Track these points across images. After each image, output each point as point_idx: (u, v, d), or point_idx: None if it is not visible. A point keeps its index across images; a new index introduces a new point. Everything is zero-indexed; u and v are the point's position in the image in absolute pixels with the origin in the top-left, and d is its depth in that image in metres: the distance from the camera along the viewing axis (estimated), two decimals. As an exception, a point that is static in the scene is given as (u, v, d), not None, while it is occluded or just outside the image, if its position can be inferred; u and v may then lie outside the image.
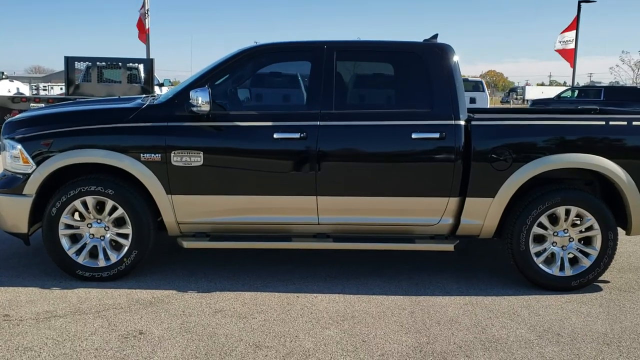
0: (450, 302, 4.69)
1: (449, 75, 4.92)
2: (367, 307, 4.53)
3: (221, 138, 4.84)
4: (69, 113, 5.14)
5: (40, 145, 4.81)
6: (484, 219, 4.94)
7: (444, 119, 4.84)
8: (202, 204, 4.89)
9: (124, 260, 4.92)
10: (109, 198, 4.83)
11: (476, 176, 4.84)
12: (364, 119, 4.86)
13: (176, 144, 4.79)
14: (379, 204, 4.90)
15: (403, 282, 5.12)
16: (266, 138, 4.81)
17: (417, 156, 4.86)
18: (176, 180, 4.82)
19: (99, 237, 4.94)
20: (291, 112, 4.92)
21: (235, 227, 5.00)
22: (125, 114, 4.91)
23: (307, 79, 4.97)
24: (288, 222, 4.97)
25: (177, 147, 4.79)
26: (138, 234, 4.89)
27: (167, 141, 4.79)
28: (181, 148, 4.79)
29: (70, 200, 4.83)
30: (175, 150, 4.79)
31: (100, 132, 4.83)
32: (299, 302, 4.60)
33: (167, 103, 4.93)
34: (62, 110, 5.23)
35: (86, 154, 4.79)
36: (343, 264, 5.54)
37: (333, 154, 4.83)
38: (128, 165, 4.79)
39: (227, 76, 4.99)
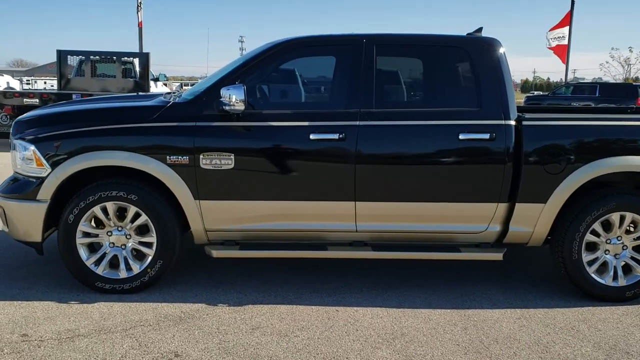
0: (502, 315, 4.36)
1: (497, 72, 4.58)
2: (415, 322, 4.19)
3: (254, 139, 4.46)
4: (87, 111, 4.73)
5: (56, 146, 4.41)
6: (534, 225, 4.62)
7: (493, 118, 4.50)
8: (232, 210, 4.52)
9: (148, 270, 4.53)
10: (131, 204, 4.44)
11: (527, 180, 4.51)
12: (406, 118, 4.51)
13: (205, 145, 4.41)
14: (422, 210, 4.55)
15: (445, 292, 4.78)
16: (302, 139, 4.44)
17: (465, 158, 4.51)
18: (205, 185, 4.45)
19: (120, 245, 4.55)
20: (328, 111, 4.55)
21: (267, 235, 4.63)
22: (149, 112, 4.51)
23: (344, 75, 4.60)
24: (323, 230, 4.61)
25: (207, 149, 4.40)
26: (163, 243, 4.51)
27: (196, 142, 4.40)
28: (211, 150, 4.41)
29: (90, 207, 4.43)
30: (205, 152, 4.40)
31: (122, 132, 4.43)
32: (340, 317, 4.24)
33: (195, 101, 4.54)
34: (79, 109, 4.82)
35: (107, 156, 4.39)
36: (377, 272, 5.19)
37: (373, 156, 4.48)
38: (153, 169, 4.40)
39: (258, 72, 4.61)
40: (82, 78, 15.86)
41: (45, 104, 14.30)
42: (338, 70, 4.65)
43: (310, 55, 4.81)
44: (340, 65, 4.64)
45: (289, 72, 4.84)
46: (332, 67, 4.68)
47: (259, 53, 4.63)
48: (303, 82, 4.94)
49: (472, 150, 4.49)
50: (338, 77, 4.64)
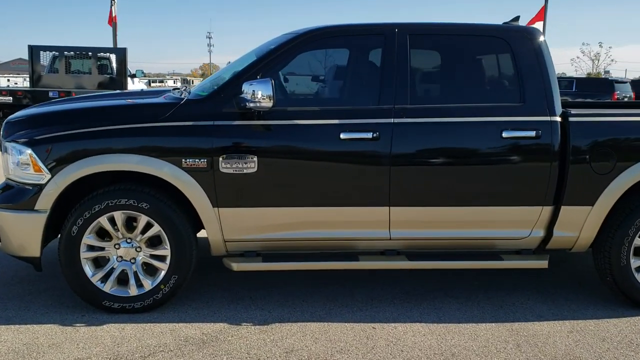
0: (552, 329, 4.01)
1: (541, 64, 4.22)
2: (462, 340, 3.81)
3: (278, 139, 4.03)
4: (91, 110, 4.23)
5: (57, 149, 3.91)
6: (580, 230, 4.28)
7: (538, 114, 4.15)
8: (254, 218, 4.08)
9: (161, 287, 4.07)
10: (143, 213, 3.97)
11: (574, 181, 4.17)
12: (444, 115, 4.12)
13: (226, 146, 3.96)
14: (461, 215, 4.18)
15: (484, 304, 4.42)
16: (331, 139, 4.03)
17: (508, 158, 4.15)
18: (225, 191, 4.00)
19: (129, 259, 4.07)
20: (360, 107, 4.13)
21: (291, 245, 4.21)
22: (161, 110, 4.04)
23: (375, 68, 4.19)
24: (354, 238, 4.20)
25: (227, 151, 3.96)
26: (178, 256, 4.04)
27: (215, 143, 3.95)
28: (232, 152, 3.96)
29: (95, 217, 3.95)
30: (225, 154, 3.95)
31: (132, 132, 3.95)
32: (379, 336, 3.84)
33: (212, 98, 4.08)
34: (81, 107, 4.31)
35: (116, 160, 3.91)
36: (404, 282, 4.80)
37: (409, 157, 4.08)
38: (168, 174, 3.93)
39: (280, 65, 4.17)
40: (56, 75, 15.16)
41: (19, 102, 13.60)
42: (368, 62, 4.24)
43: (337, 47, 4.39)
44: (370, 57, 4.23)
45: (314, 65, 4.41)
46: (360, 60, 4.27)
47: (281, 44, 4.19)
48: (330, 75, 4.50)
49: (515, 149, 4.13)
50: (368, 70, 4.23)
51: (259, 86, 3.76)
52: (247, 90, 3.83)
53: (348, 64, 4.40)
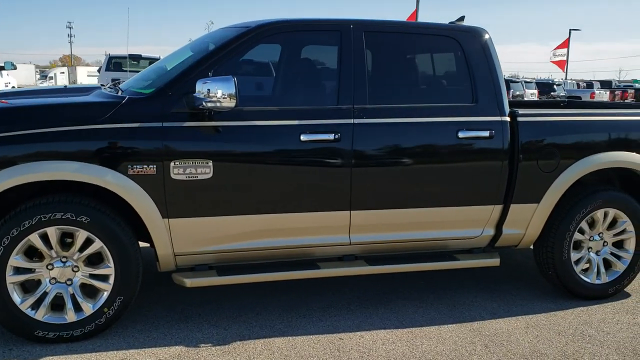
0: (509, 326, 4.07)
1: (489, 63, 4.26)
2: (432, 345, 3.74)
3: (235, 142, 3.71)
4: (16, 110, 3.63)
5: (-25, 157, 3.32)
6: (526, 227, 4.38)
7: (490, 114, 4.18)
8: (209, 229, 3.73)
9: (104, 310, 3.60)
10: (81, 228, 3.48)
11: (522, 180, 4.26)
12: (403, 115, 4.02)
13: (178, 151, 3.58)
14: (419, 216, 4.11)
15: (437, 304, 4.40)
16: (291, 140, 3.78)
17: (464, 158, 4.14)
18: (176, 199, 3.61)
19: (64, 281, 3.56)
20: (320, 107, 3.92)
21: (247, 255, 3.91)
22: (100, 110, 3.56)
23: (332, 65, 4.00)
24: (313, 245, 3.99)
25: (179, 156, 3.58)
26: (124, 274, 3.60)
27: (165, 148, 3.56)
28: (184, 156, 3.59)
29: (25, 234, 3.40)
30: (176, 159, 3.57)
31: (68, 136, 3.44)
32: (348, 347, 3.67)
33: (158, 96, 3.67)
34: (2, 107, 3.69)
35: (51, 168, 3.39)
36: (353, 286, 4.67)
37: (370, 159, 3.94)
38: (111, 182, 3.48)
39: (233, 61, 3.85)
40: None
41: None
42: (325, 59, 4.03)
43: (293, 42, 4.13)
44: (327, 54, 4.03)
45: (268, 62, 4.11)
46: (317, 56, 4.06)
47: (233, 38, 3.86)
48: (286, 74, 4.23)
49: (471, 149, 4.13)
50: (325, 68, 4.03)
51: (218, 84, 3.42)
52: (201, 89, 3.47)
53: (304, 61, 4.16)
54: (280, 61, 4.18)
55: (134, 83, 4.16)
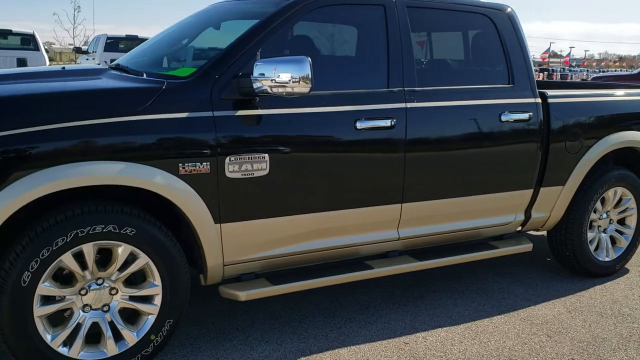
0: (551, 311, 4.01)
1: (521, 43, 4.12)
2: (500, 340, 3.58)
3: (291, 132, 3.24)
4: (40, 97, 2.85)
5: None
6: (551, 210, 4.34)
7: (526, 96, 4.05)
8: (261, 233, 3.25)
9: (151, 338, 3.01)
10: (125, 242, 2.85)
11: (553, 162, 4.19)
12: (450, 97, 3.76)
13: (233, 144, 3.04)
14: (464, 205, 3.90)
15: (470, 294, 4.25)
16: (346, 129, 3.38)
17: (505, 143, 3.98)
18: (231, 201, 3.09)
19: (101, 307, 2.92)
20: (373, 91, 3.54)
21: (294, 260, 3.46)
22: (139, 98, 2.92)
23: (378, 44, 3.62)
24: (361, 243, 3.63)
25: (235, 151, 3.04)
26: (173, 294, 3.02)
27: (219, 141, 3.00)
28: (240, 151, 3.06)
29: (56, 255, 2.72)
30: (232, 154, 3.04)
31: (107, 131, 2.78)
32: (422, 352, 3.40)
33: (203, 79, 3.09)
34: (24, 92, 2.89)
35: (90, 171, 2.72)
36: (377, 282, 4.36)
37: (422, 146, 3.65)
38: (161, 184, 2.87)
39: (275, 40, 3.34)
40: None
41: None
42: (372, 36, 3.63)
43: (336, 18, 3.67)
44: (373, 30, 3.63)
45: (310, 40, 3.61)
46: (363, 33, 3.65)
47: (273, 15, 3.33)
48: (332, 53, 3.75)
49: (512, 133, 3.97)
50: (373, 46, 3.63)
51: (288, 66, 2.92)
52: (263, 71, 2.95)
53: (350, 39, 3.73)
54: (324, 39, 3.72)
55: (150, 62, 3.51)
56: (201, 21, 4.02)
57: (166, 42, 4.07)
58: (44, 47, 17.14)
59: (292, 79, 2.93)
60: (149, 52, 3.95)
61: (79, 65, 4.01)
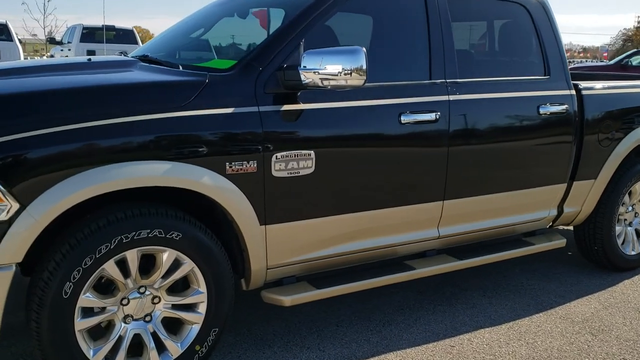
0: (588, 308, 3.93)
1: (555, 34, 4.00)
2: (546, 341, 3.47)
3: (336, 127, 3.06)
4: (81, 91, 2.61)
5: (30, 160, 2.34)
6: (582, 204, 4.25)
7: (562, 88, 3.94)
8: (305, 234, 3.07)
9: (196, 348, 2.81)
10: (170, 247, 2.65)
11: (586, 155, 4.10)
12: (491, 89, 3.63)
13: (279, 141, 2.86)
14: (503, 201, 3.78)
15: (506, 293, 4.14)
16: (391, 123, 3.22)
17: (544, 136, 3.87)
18: (276, 201, 2.90)
19: (143, 318, 2.72)
20: (416, 83, 3.38)
21: (334, 262, 3.30)
22: (183, 92, 2.71)
23: (419, 33, 3.45)
24: (401, 243, 3.48)
25: (281, 148, 2.86)
26: (218, 301, 2.84)
27: (265, 138, 2.81)
28: (286, 148, 2.87)
29: (99, 263, 2.50)
30: (279, 152, 2.85)
31: (152, 128, 2.57)
32: (471, 355, 3.27)
33: (245, 72, 2.89)
34: (63, 86, 2.65)
35: (136, 171, 2.51)
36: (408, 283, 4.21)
37: (465, 141, 3.51)
38: (208, 185, 2.68)
39: (316, 30, 3.15)
40: None
41: None
42: (411, 25, 3.47)
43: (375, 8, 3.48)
44: (413, 17, 3.46)
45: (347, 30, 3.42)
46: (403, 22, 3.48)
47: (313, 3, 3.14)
48: (373, 43, 3.56)
49: (550, 126, 3.86)
50: (415, 35, 3.47)
51: (342, 57, 2.74)
52: (313, 64, 2.76)
53: (392, 28, 3.54)
54: (363, 30, 3.52)
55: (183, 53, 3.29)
56: (225, 10, 3.80)
57: (189, 32, 3.85)
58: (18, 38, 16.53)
59: (343, 71, 2.74)
60: (173, 42, 3.72)
61: (104, 57, 3.73)
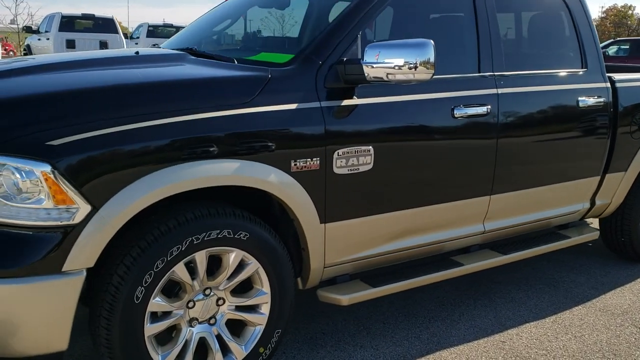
0: (625, 300, 3.96)
1: (591, 26, 4.00)
2: (593, 334, 3.49)
3: (393, 122, 3.01)
4: (143, 87, 2.51)
5: (102, 159, 2.24)
6: (612, 197, 4.27)
7: (598, 80, 3.94)
8: (361, 231, 3.02)
9: (260, 351, 2.75)
10: (238, 247, 2.57)
11: (619, 148, 4.11)
12: (534, 83, 3.61)
13: (340, 137, 2.79)
14: (544, 194, 3.78)
15: (539, 285, 4.15)
16: (445, 117, 3.18)
17: (583, 128, 3.87)
18: (336, 199, 2.84)
19: (207, 320, 2.64)
20: (467, 76, 3.33)
21: (384, 259, 3.24)
22: (245, 89, 2.62)
23: (467, 23, 3.41)
24: (450, 238, 3.45)
25: (342, 144, 2.79)
26: (282, 300, 2.77)
27: (327, 134, 2.74)
28: (348, 144, 2.81)
29: (170, 266, 2.42)
30: (341, 149, 2.78)
31: (218, 125, 2.48)
32: (524, 351, 3.26)
33: (305, 66, 2.81)
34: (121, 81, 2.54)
35: (209, 170, 2.42)
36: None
37: (512, 135, 3.48)
38: (274, 183, 2.60)
39: (371, 23, 3.08)
40: None
41: None
42: (462, 18, 3.42)
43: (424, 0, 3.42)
44: (462, 12, 3.42)
45: (401, 23, 3.34)
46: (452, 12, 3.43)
47: None
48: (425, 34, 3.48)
49: (589, 118, 3.86)
50: (463, 26, 3.42)
51: (408, 50, 2.67)
52: (376, 57, 2.69)
53: (440, 21, 3.48)
54: (415, 22, 3.44)
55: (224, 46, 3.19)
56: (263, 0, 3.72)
57: (221, 23, 3.75)
58: None
59: (409, 65, 2.68)
60: (208, 33, 3.62)
61: (149, 50, 3.58)
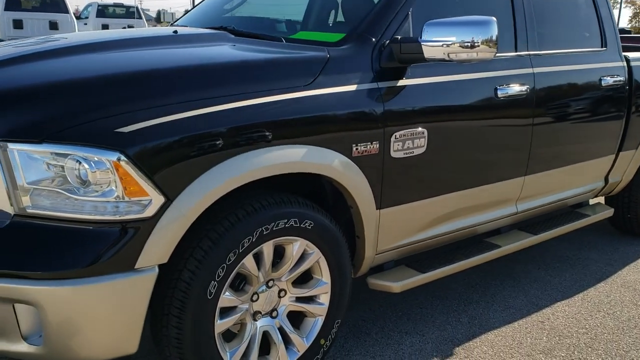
0: (635, 274, 4.05)
1: (609, 6, 4.02)
2: (624, 312, 3.54)
3: (444, 103, 2.93)
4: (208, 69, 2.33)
5: (179, 149, 2.08)
6: (623, 174, 4.35)
7: (617, 59, 3.97)
8: (411, 217, 2.95)
9: (321, 342, 2.65)
10: (301, 237, 2.46)
11: (632, 126, 4.17)
12: (565, 62, 3.61)
13: (397, 120, 2.70)
14: (569, 173, 3.81)
15: (556, 265, 4.20)
16: (489, 97, 3.13)
17: (605, 107, 3.90)
18: (392, 183, 2.76)
19: (269, 313, 2.52)
20: (506, 55, 3.28)
21: (426, 244, 3.18)
22: (305, 70, 2.50)
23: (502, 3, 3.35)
24: (486, 221, 3.42)
25: (399, 126, 2.70)
26: (341, 290, 2.68)
27: (385, 117, 2.65)
28: (404, 127, 2.72)
29: (240, 258, 2.29)
30: (398, 131, 2.69)
31: (283, 108, 2.34)
32: (564, 330, 3.28)
33: (361, 45, 2.70)
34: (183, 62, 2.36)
35: (278, 157, 2.29)
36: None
37: (546, 115, 3.46)
38: (338, 168, 2.49)
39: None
40: None
41: None
42: None
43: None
44: None
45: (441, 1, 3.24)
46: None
47: None
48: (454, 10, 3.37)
49: (610, 98, 3.90)
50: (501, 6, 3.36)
51: (469, 29, 2.58)
52: (434, 34, 2.60)
53: None
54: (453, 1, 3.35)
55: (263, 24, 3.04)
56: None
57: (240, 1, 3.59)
58: None
59: (471, 43, 2.59)
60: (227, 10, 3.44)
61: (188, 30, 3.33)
